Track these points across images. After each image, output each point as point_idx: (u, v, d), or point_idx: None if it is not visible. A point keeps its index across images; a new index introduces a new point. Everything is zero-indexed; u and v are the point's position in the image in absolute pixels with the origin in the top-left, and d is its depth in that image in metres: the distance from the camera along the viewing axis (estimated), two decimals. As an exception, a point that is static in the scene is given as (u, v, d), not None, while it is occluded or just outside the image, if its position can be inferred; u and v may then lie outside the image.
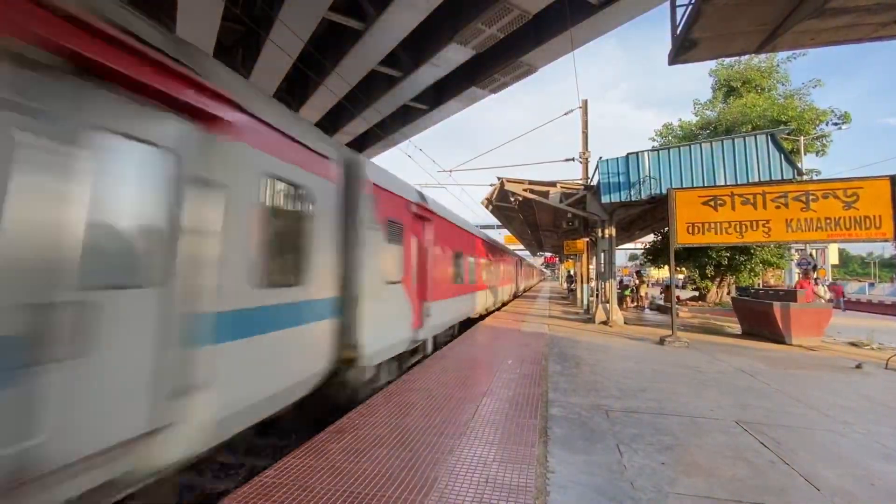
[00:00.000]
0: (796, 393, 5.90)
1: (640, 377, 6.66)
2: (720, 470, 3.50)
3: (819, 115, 21.12)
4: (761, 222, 9.36)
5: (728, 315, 15.99)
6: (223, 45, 15.96)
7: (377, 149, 25.64)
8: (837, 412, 5.10)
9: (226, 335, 3.27)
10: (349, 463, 3.46)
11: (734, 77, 23.70)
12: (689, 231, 9.79)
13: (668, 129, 24.75)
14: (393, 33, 13.79)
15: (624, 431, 4.33)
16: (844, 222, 8.91)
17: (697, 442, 4.10)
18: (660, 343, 9.83)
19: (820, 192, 9.10)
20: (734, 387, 6.19)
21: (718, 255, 20.77)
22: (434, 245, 8.83)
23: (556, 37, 13.69)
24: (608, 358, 8.16)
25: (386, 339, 6.18)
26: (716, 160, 11.13)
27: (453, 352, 8.31)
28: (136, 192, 2.67)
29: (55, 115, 2.22)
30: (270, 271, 3.84)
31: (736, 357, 8.46)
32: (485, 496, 2.99)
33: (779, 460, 3.71)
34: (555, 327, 12.56)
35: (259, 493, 2.98)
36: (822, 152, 22.39)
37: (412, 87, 17.68)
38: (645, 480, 3.29)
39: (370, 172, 5.86)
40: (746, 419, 4.77)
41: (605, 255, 13.74)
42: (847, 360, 8.27)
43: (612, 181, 11.84)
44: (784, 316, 10.19)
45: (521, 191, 13.97)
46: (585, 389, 5.87)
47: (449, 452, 3.69)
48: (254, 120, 3.66)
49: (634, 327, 13.14)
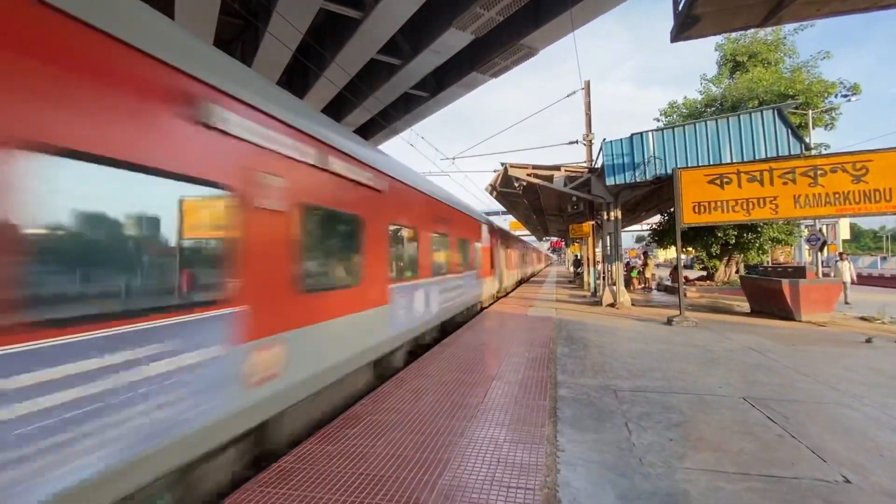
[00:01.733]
0: (805, 368, 5.92)
1: (648, 357, 6.71)
2: (728, 445, 3.55)
3: (827, 88, 20.67)
4: (769, 199, 9.27)
5: (736, 294, 15.95)
6: (222, 40, 15.91)
7: (380, 138, 25.58)
8: (847, 386, 5.12)
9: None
10: (364, 447, 3.55)
11: (740, 51, 23.22)
12: (696, 210, 9.74)
13: (674, 107, 24.38)
14: (391, 21, 13.67)
15: (632, 410, 4.39)
16: (854, 196, 8.81)
17: (706, 418, 4.15)
18: (667, 323, 9.86)
19: (828, 166, 8.98)
20: (743, 364, 6.22)
21: (725, 233, 20.60)
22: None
23: (556, 18, 13.50)
24: (616, 339, 8.21)
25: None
26: (721, 138, 10.99)
27: (462, 338, 8.39)
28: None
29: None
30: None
31: (744, 335, 8.47)
32: (496, 474, 3.07)
33: (787, 434, 3.75)
34: (562, 311, 12.61)
35: (277, 478, 3.08)
36: (831, 126, 21.97)
37: (412, 74, 17.57)
38: (654, 456, 3.35)
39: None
40: (755, 395, 4.81)
41: (610, 237, 13.70)
42: (857, 335, 8.25)
43: (616, 163, 11.75)
44: (793, 292, 10.15)
45: (525, 176, 13.91)
46: (593, 371, 5.93)
47: (460, 434, 3.78)
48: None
49: (642, 309, 13.16)
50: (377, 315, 5.69)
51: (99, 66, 2.38)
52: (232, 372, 3.14)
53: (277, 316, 3.67)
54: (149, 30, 2.70)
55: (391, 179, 6.28)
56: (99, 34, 2.37)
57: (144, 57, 2.62)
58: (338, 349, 4.65)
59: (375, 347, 5.61)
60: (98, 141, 2.32)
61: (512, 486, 2.93)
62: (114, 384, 2.35)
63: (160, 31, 2.81)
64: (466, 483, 2.97)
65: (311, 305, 4.18)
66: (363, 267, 5.34)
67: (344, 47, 14.94)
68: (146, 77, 2.63)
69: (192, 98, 2.90)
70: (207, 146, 3.02)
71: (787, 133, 10.60)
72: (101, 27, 2.37)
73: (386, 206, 6.09)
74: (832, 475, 3.05)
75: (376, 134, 24.73)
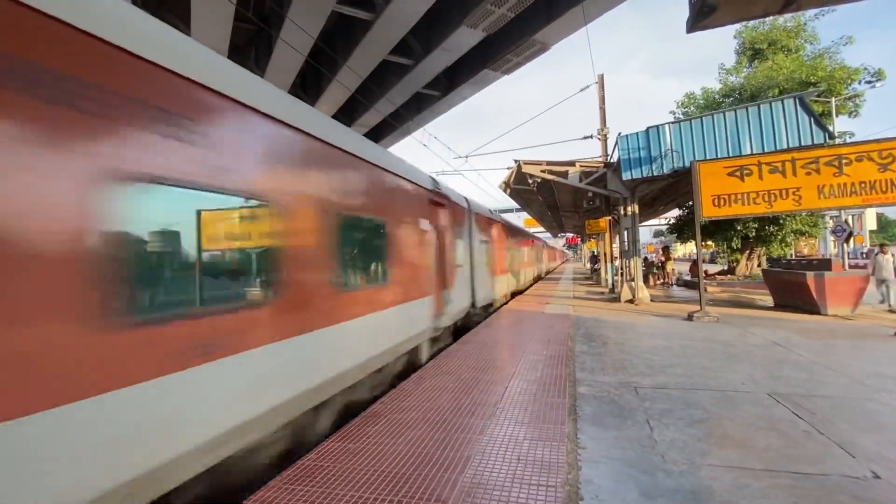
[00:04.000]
0: (832, 363, 5.77)
1: (668, 353, 6.62)
2: (753, 441, 3.50)
3: (851, 74, 20.07)
4: (791, 190, 9.05)
5: (759, 288, 15.60)
6: (236, 46, 16.18)
7: (392, 139, 25.71)
8: (876, 381, 4.98)
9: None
10: (385, 445, 3.60)
11: (759, 39, 22.68)
12: (715, 203, 9.56)
13: (691, 98, 23.93)
14: (402, 21, 13.73)
15: (654, 407, 4.35)
16: (880, 185, 8.53)
17: (729, 415, 4.09)
18: (688, 319, 9.71)
19: (853, 155, 8.72)
20: (767, 359, 6.10)
21: (746, 226, 20.16)
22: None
23: (568, 11, 13.40)
24: (635, 336, 8.12)
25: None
26: (741, 128, 10.76)
27: (479, 336, 8.40)
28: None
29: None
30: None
31: (768, 329, 8.29)
32: (517, 472, 3.08)
33: (814, 430, 3.68)
34: (580, 308, 12.52)
35: (301, 475, 3.14)
36: (855, 113, 21.33)
37: (424, 74, 17.62)
38: (676, 453, 3.32)
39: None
40: (780, 391, 4.71)
41: (628, 232, 13.54)
42: (886, 329, 8.01)
43: (632, 157, 11.61)
44: (818, 286, 9.90)
45: (540, 172, 13.82)
46: (613, 368, 5.89)
47: (480, 432, 3.79)
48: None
49: (661, 304, 12.98)
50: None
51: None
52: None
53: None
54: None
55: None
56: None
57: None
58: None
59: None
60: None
61: (534, 483, 2.93)
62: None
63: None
64: (488, 481, 2.99)
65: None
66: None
67: (355, 50, 15.07)
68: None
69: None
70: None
71: (809, 122, 10.32)
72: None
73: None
74: (861, 471, 2.98)
75: (389, 134, 24.86)
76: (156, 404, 2.52)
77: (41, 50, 2.11)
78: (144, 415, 2.45)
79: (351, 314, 4.64)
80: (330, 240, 4.34)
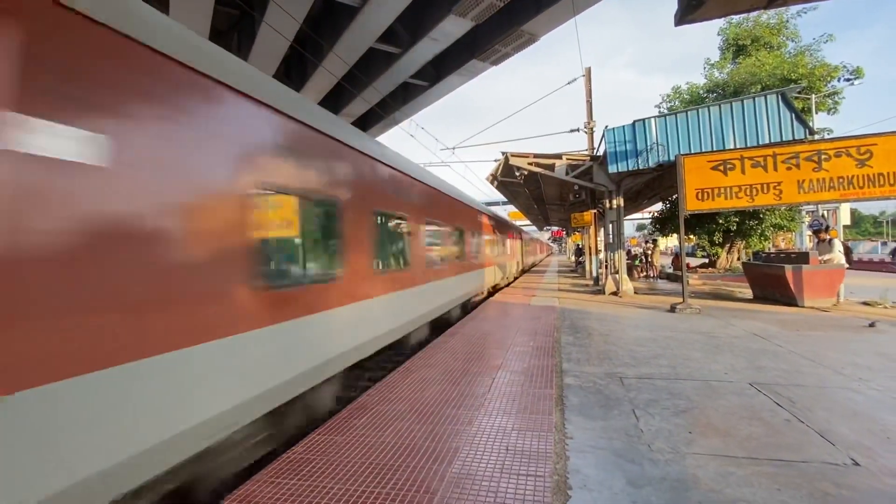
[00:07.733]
0: (810, 353, 5.92)
1: (652, 345, 6.71)
2: (736, 430, 3.56)
3: (830, 72, 20.49)
4: (772, 184, 9.21)
5: (739, 280, 15.94)
6: (218, 31, 15.72)
7: (379, 129, 25.40)
8: (852, 370, 5.12)
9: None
10: (373, 437, 3.57)
11: (743, 35, 22.98)
12: (699, 197, 9.69)
13: (677, 92, 24.18)
14: (390, 8, 13.50)
15: (639, 397, 4.40)
16: (858, 181, 8.74)
17: (712, 404, 4.16)
18: (671, 311, 9.86)
19: (832, 150, 8.91)
20: (747, 350, 6.23)
21: (727, 220, 20.55)
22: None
23: (558, 2, 13.31)
24: (620, 327, 8.22)
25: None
26: (725, 123, 10.89)
27: (465, 328, 8.40)
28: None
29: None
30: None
31: (748, 321, 8.47)
32: (506, 462, 3.08)
33: (794, 419, 3.76)
34: (565, 300, 12.62)
35: (287, 469, 3.09)
36: (834, 110, 21.81)
37: (411, 63, 17.40)
38: (662, 442, 3.36)
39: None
40: (761, 381, 4.81)
41: (613, 225, 13.66)
42: (861, 320, 8.25)
43: (618, 150, 11.66)
44: (796, 278, 10.14)
45: (527, 164, 13.82)
46: (599, 359, 5.94)
47: (468, 423, 3.79)
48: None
49: (645, 296, 13.16)
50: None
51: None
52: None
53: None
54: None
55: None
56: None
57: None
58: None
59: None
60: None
61: (522, 473, 2.94)
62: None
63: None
64: (476, 471, 2.98)
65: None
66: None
67: (342, 36, 14.77)
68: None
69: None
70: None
71: (790, 118, 10.49)
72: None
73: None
74: (841, 458, 3.05)
75: (375, 125, 24.55)
76: (289, 338, 3.87)
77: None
78: (284, 343, 3.79)
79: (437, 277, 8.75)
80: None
